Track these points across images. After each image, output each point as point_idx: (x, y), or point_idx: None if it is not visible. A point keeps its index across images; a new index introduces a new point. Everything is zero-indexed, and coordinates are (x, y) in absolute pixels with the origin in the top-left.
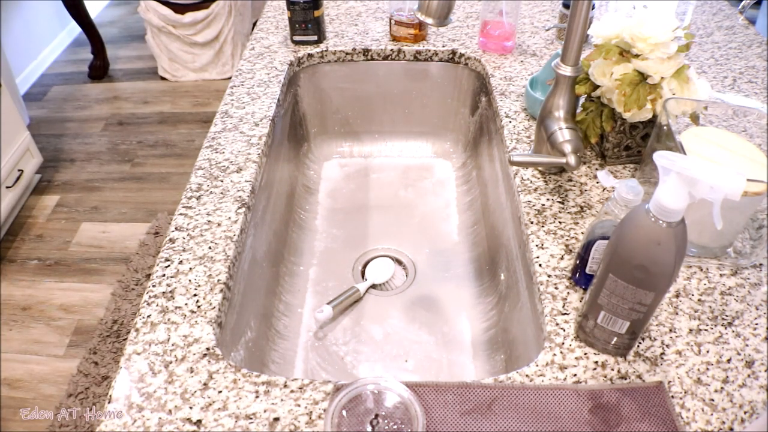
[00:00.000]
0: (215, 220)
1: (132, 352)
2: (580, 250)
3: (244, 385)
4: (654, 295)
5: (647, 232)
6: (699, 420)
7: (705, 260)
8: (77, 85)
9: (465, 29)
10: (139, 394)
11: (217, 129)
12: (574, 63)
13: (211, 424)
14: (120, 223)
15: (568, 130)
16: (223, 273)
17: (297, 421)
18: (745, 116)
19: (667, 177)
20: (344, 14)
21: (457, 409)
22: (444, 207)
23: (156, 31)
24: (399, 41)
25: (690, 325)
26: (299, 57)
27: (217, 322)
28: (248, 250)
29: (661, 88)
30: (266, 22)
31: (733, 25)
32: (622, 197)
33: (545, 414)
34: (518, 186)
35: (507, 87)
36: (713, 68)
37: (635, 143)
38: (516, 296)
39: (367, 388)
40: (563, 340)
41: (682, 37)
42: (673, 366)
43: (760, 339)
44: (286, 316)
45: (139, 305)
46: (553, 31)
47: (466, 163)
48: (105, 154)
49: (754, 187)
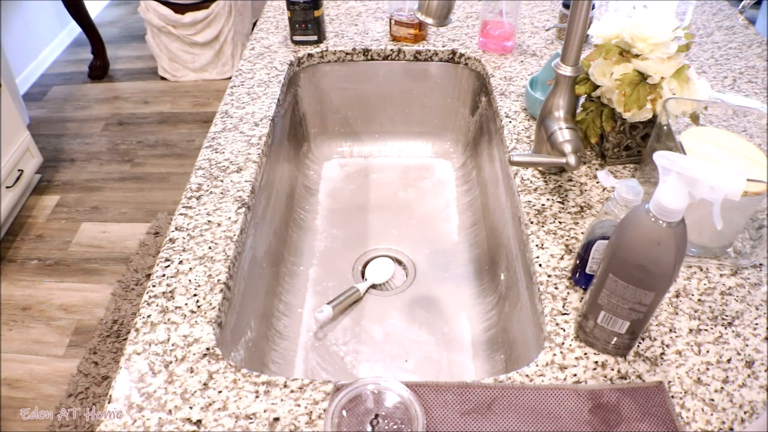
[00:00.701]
0: (215, 220)
1: (132, 352)
2: (580, 250)
3: (244, 385)
4: (654, 295)
5: (647, 232)
6: (699, 420)
7: (705, 260)
8: (77, 85)
9: (465, 29)
10: (139, 394)
11: (217, 129)
12: (574, 63)
13: (211, 424)
14: (120, 223)
15: (568, 130)
16: (223, 273)
17: (297, 421)
18: (745, 116)
19: (667, 177)
20: (344, 14)
21: (457, 409)
22: (444, 207)
23: (156, 31)
24: (399, 41)
25: (690, 325)
26: (299, 57)
27: (217, 322)
28: (248, 250)
29: (661, 88)
30: (266, 22)
31: (733, 25)
32: (622, 197)
33: (545, 414)
34: (518, 186)
35: (507, 87)
36: (713, 68)
37: (635, 143)
38: (516, 296)
39: (367, 388)
40: (563, 340)
41: (682, 37)
42: (673, 366)
43: (760, 339)
44: (286, 316)
45: (139, 305)
46: (553, 31)
47: (466, 163)
48: (105, 154)
49: (754, 187)
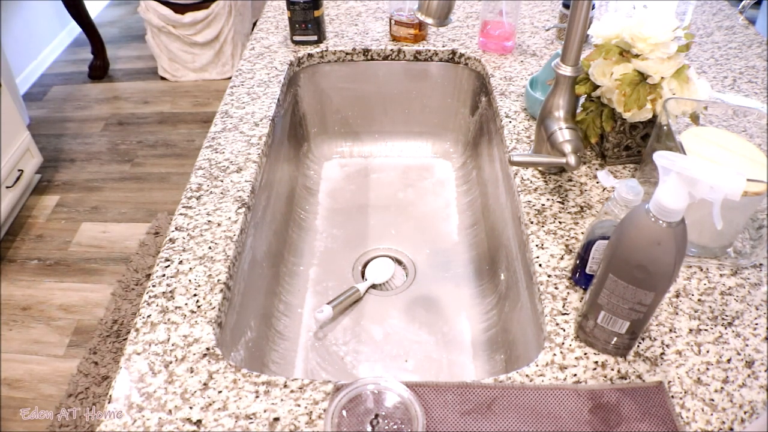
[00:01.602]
0: (215, 220)
1: (132, 352)
2: (579, 250)
3: (244, 385)
4: (654, 295)
5: (647, 232)
6: (699, 420)
7: (705, 260)
8: (77, 85)
9: (465, 29)
10: (139, 394)
11: (217, 129)
12: (574, 63)
13: (211, 424)
14: (120, 223)
15: (568, 130)
16: (223, 273)
17: (297, 421)
18: (745, 116)
19: (667, 177)
20: (344, 14)
21: (457, 409)
22: (444, 207)
23: (156, 31)
24: (399, 41)
25: (690, 325)
26: (299, 57)
27: (217, 322)
28: (248, 250)
29: (661, 88)
30: (266, 22)
31: (733, 25)
32: (622, 197)
33: (545, 414)
34: (518, 186)
35: (507, 87)
36: (713, 68)
37: (635, 143)
38: (516, 296)
39: (367, 388)
40: (563, 340)
41: (682, 37)
42: (673, 366)
43: (760, 339)
44: (286, 316)
45: (139, 305)
46: (553, 31)
47: (466, 163)
48: (105, 154)
49: (754, 187)
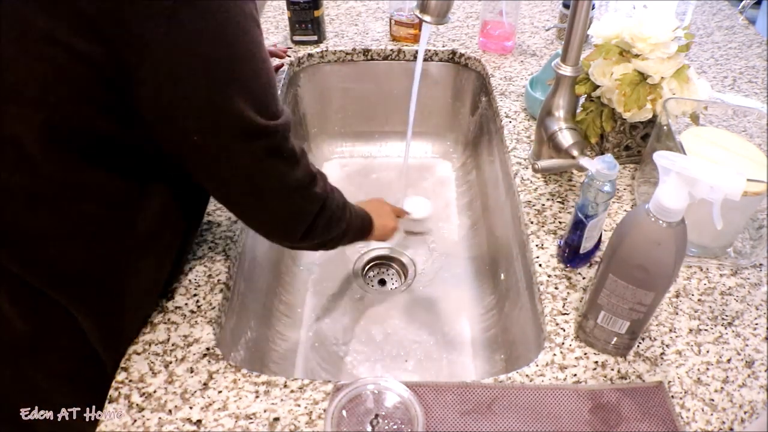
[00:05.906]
0: (215, 220)
1: (132, 352)
2: (567, 236)
3: (244, 385)
4: (654, 295)
5: (647, 232)
6: (699, 420)
7: (705, 260)
8: None
9: (465, 29)
10: (139, 394)
11: None
12: (574, 63)
13: (211, 424)
14: None
15: (568, 130)
16: (223, 273)
17: (297, 421)
18: (745, 116)
19: (667, 177)
20: (344, 14)
21: (457, 409)
22: (444, 207)
23: None
24: (399, 41)
25: (690, 325)
26: (299, 57)
27: (217, 322)
28: (248, 250)
29: (661, 88)
30: (266, 22)
31: (733, 25)
32: (600, 172)
33: (545, 414)
34: (518, 186)
35: (507, 87)
36: (713, 68)
37: (635, 143)
38: (516, 296)
39: (367, 388)
40: (563, 340)
41: (682, 37)
42: (673, 366)
43: (760, 339)
44: (286, 316)
45: None
46: (553, 31)
47: (466, 163)
48: None
49: (754, 187)
